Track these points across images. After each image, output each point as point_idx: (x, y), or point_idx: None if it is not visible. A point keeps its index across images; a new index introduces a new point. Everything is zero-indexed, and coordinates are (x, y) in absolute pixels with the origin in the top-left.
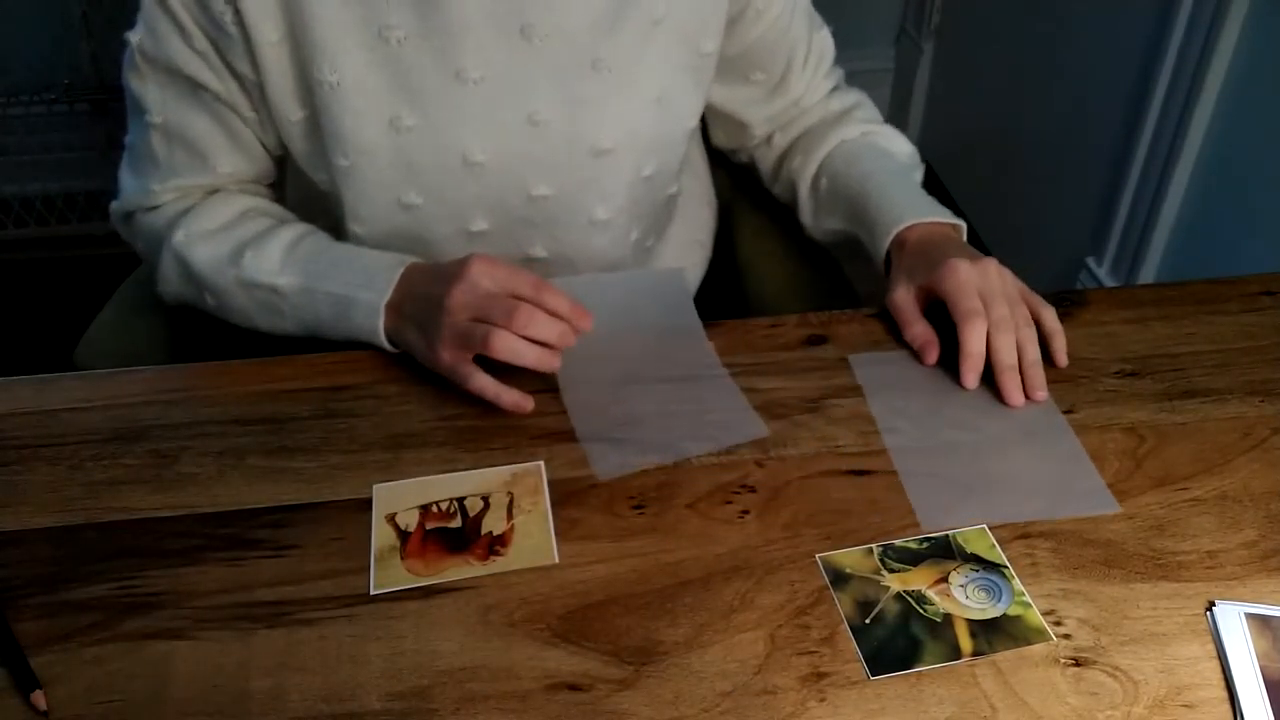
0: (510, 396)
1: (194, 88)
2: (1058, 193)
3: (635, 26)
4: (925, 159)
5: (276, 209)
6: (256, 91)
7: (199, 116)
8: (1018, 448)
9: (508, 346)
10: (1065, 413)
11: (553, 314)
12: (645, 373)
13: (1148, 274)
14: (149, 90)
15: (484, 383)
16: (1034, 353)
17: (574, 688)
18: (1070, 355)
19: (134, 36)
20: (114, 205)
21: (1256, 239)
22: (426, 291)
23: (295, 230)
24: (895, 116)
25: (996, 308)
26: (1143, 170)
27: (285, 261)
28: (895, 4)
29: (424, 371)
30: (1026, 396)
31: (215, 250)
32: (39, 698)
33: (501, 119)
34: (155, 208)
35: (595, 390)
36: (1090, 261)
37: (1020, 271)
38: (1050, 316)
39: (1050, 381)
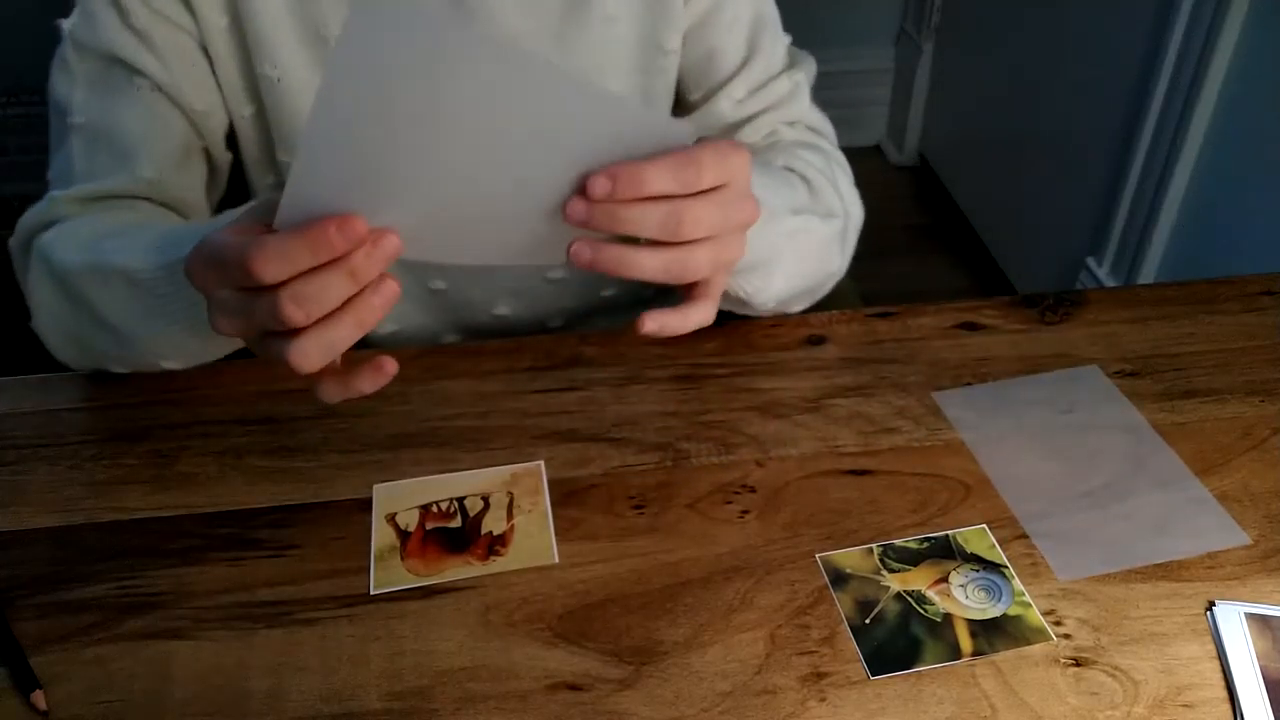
0: (332, 389)
1: (129, 75)
2: (1058, 193)
3: (586, 29)
4: (925, 159)
5: (175, 216)
6: (212, 79)
7: (129, 109)
8: (1134, 485)
9: (317, 351)
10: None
11: (308, 268)
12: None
13: (1148, 274)
14: (77, 87)
15: (327, 392)
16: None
17: (574, 688)
18: (1070, 355)
19: (67, 23)
20: (11, 242)
21: (1256, 239)
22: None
23: (181, 221)
24: (895, 116)
25: (695, 171)
26: (1143, 170)
27: (152, 245)
28: (895, 4)
29: (425, 371)
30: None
31: (75, 236)
32: (39, 698)
33: None
34: (51, 224)
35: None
36: (1090, 261)
37: (1020, 271)
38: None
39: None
